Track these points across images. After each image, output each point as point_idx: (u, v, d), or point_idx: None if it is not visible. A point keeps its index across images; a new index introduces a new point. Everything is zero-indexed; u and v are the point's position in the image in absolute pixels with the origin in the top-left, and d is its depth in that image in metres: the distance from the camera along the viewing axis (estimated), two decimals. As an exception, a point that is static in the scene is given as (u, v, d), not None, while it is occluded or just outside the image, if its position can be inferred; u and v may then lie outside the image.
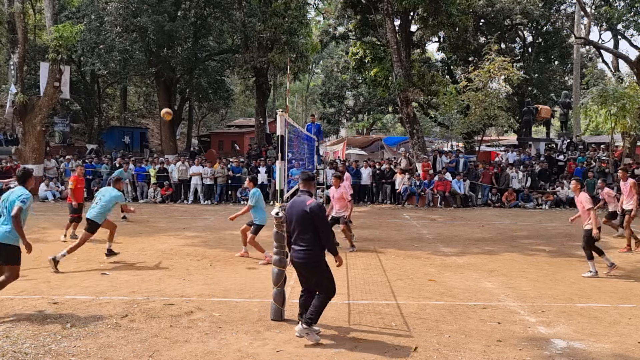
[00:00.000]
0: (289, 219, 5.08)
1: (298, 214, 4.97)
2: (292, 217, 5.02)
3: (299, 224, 4.96)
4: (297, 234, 4.98)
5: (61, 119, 28.86)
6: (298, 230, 4.97)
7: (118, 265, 8.10)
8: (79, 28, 18.12)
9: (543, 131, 36.69)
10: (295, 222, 4.99)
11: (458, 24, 19.41)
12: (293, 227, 5.02)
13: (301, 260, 4.95)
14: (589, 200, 7.86)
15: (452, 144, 29.35)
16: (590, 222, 7.73)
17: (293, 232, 5.03)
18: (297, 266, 5.03)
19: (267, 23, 21.83)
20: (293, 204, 5.06)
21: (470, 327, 5.41)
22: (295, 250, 4.99)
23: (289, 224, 5.12)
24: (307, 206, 4.90)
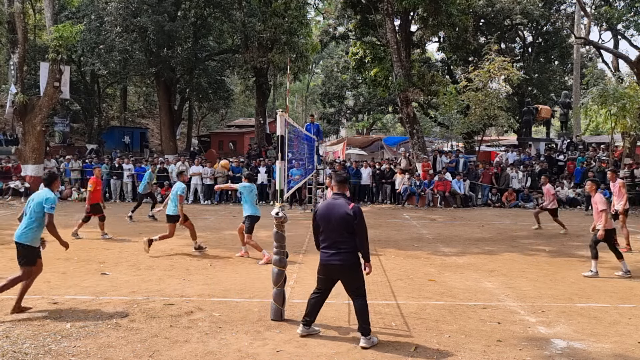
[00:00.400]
0: (322, 222, 4.92)
1: (338, 218, 4.83)
2: (329, 220, 4.87)
3: (339, 227, 4.83)
4: (334, 237, 4.85)
5: (61, 119, 28.86)
6: (336, 233, 4.84)
7: (118, 265, 8.10)
8: (79, 28, 18.12)
9: (543, 131, 36.69)
10: (332, 225, 4.85)
11: (458, 24, 19.41)
12: (328, 231, 4.88)
13: (342, 262, 4.82)
14: (604, 202, 7.94)
15: (452, 144, 29.35)
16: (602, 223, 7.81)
17: (326, 236, 4.89)
18: (334, 269, 4.88)
19: (267, 23, 21.83)
20: (329, 207, 4.93)
21: (470, 327, 5.41)
22: (332, 253, 4.84)
23: (319, 226, 4.96)
24: (350, 210, 4.81)
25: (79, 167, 18.91)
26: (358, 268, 4.89)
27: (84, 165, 19.05)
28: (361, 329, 4.85)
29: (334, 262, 4.87)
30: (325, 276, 4.99)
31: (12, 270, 7.57)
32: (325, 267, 4.93)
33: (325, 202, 5.07)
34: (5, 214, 14.10)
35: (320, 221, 4.96)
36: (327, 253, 4.89)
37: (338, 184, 5.14)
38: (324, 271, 4.97)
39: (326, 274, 4.98)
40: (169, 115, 25.88)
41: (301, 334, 5.00)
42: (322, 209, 4.99)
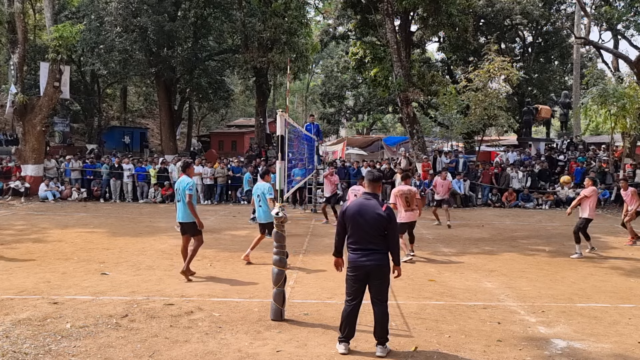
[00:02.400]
0: (352, 222, 4.68)
1: (370, 219, 4.65)
2: (359, 220, 4.66)
3: (370, 228, 4.65)
4: (366, 238, 4.66)
5: (61, 119, 28.86)
6: (367, 234, 4.65)
7: (118, 265, 8.10)
8: (79, 28, 18.11)
9: (543, 131, 36.69)
10: (363, 226, 4.65)
11: (458, 24, 19.40)
12: (358, 231, 4.66)
13: (375, 263, 4.61)
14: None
15: (452, 144, 29.31)
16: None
17: (358, 237, 4.67)
18: (366, 271, 4.63)
19: (267, 23, 21.82)
20: (361, 206, 4.71)
21: (470, 327, 5.41)
22: (364, 254, 4.63)
23: (347, 226, 4.72)
24: (384, 211, 4.67)
25: (79, 167, 18.89)
26: (388, 271, 4.69)
27: (84, 165, 19.04)
28: (380, 337, 4.67)
29: (364, 263, 4.64)
30: (355, 278, 4.68)
31: (11, 270, 7.59)
32: (356, 269, 4.66)
33: (357, 201, 4.80)
34: (5, 214, 14.10)
35: (349, 221, 4.70)
36: (358, 254, 4.66)
37: (371, 183, 4.92)
38: (354, 273, 4.68)
39: (356, 275, 4.68)
40: (169, 115, 25.88)
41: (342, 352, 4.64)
42: (353, 208, 4.72)
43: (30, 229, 11.54)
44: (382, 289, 4.70)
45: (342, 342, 4.69)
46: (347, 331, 4.69)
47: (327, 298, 6.40)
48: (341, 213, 4.82)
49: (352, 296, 4.70)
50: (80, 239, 10.38)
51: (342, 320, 4.71)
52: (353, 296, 4.70)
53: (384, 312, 4.68)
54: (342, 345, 4.69)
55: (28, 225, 12.10)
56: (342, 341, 4.70)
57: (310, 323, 5.43)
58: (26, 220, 13.02)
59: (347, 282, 4.76)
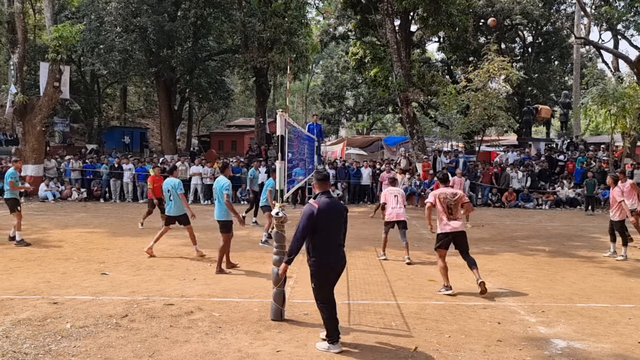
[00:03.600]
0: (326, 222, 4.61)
1: (340, 217, 4.69)
2: (333, 220, 4.66)
3: (341, 226, 4.71)
4: (337, 237, 4.70)
5: (61, 119, 28.86)
6: (339, 233, 4.71)
7: (118, 265, 8.10)
8: (79, 28, 18.11)
9: (543, 131, 36.72)
10: (336, 225, 4.69)
11: (458, 24, 19.40)
12: (331, 231, 4.65)
13: (344, 262, 4.73)
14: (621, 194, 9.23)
15: (452, 144, 29.33)
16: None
17: (330, 237, 4.64)
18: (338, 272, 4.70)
19: (267, 23, 21.82)
20: (330, 206, 4.65)
21: (470, 327, 5.41)
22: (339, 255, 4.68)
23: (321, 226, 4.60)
24: (343, 205, 4.74)
25: (79, 167, 18.89)
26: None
27: (84, 165, 19.04)
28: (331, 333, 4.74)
29: (341, 264, 4.70)
30: (333, 278, 4.69)
31: (11, 270, 7.59)
32: (333, 268, 4.66)
33: (325, 201, 4.68)
34: (5, 214, 14.09)
35: (324, 221, 4.60)
36: (331, 253, 4.63)
37: (321, 182, 4.88)
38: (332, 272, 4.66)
39: (333, 275, 4.69)
40: (169, 115, 25.88)
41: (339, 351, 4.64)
42: (326, 207, 4.62)
43: (30, 229, 11.53)
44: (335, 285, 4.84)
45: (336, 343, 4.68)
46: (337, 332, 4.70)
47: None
48: (311, 216, 4.57)
49: (329, 298, 4.71)
50: (80, 239, 10.38)
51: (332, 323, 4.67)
52: (330, 298, 4.71)
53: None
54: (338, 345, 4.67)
55: (28, 225, 12.09)
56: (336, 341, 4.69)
57: (310, 323, 5.43)
58: (26, 220, 12.98)
59: (323, 286, 4.67)
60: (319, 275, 4.66)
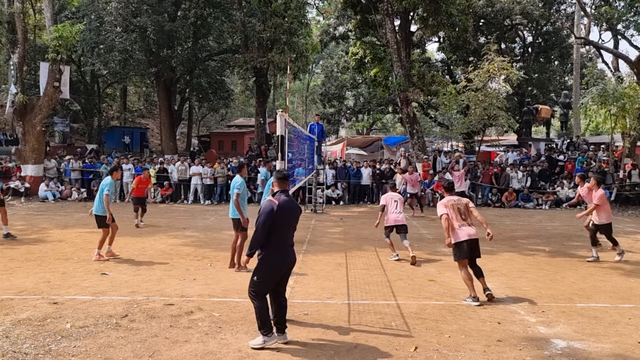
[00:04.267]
0: (283, 220, 4.74)
1: (295, 214, 4.86)
2: (289, 217, 4.80)
3: (294, 224, 4.88)
4: (290, 234, 4.86)
5: (61, 119, 28.86)
6: (292, 230, 4.88)
7: (118, 265, 8.10)
8: (79, 28, 18.11)
9: (543, 131, 36.71)
10: (291, 222, 4.85)
11: (458, 24, 19.40)
12: (287, 228, 4.81)
13: (295, 259, 4.91)
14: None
15: (452, 144, 29.33)
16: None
17: (284, 233, 4.78)
18: (290, 267, 4.85)
19: (267, 23, 21.83)
20: (288, 205, 4.79)
21: (470, 327, 5.41)
22: (290, 251, 4.83)
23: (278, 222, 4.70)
24: (299, 206, 4.93)
25: (79, 167, 18.90)
26: None
27: (84, 165, 19.04)
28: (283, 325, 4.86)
29: (291, 261, 4.84)
30: (278, 276, 4.79)
31: (11, 270, 7.59)
32: (283, 266, 4.78)
33: (284, 199, 4.80)
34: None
35: (281, 219, 4.71)
36: (283, 251, 4.77)
37: (280, 181, 4.97)
38: (281, 270, 4.77)
39: (280, 273, 4.80)
40: (169, 115, 25.88)
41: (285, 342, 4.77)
42: (285, 206, 4.74)
43: (30, 229, 11.54)
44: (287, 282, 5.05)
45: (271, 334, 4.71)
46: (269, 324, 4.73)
47: (327, 298, 6.40)
48: (271, 212, 4.67)
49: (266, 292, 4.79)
50: (80, 239, 10.37)
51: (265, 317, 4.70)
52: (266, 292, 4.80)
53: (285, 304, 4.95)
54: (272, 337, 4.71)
55: (28, 225, 12.10)
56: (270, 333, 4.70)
57: (310, 323, 5.43)
58: (26, 220, 13.02)
59: (265, 281, 4.73)
60: (265, 271, 4.73)
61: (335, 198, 18.46)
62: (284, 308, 4.90)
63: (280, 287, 4.90)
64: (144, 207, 12.61)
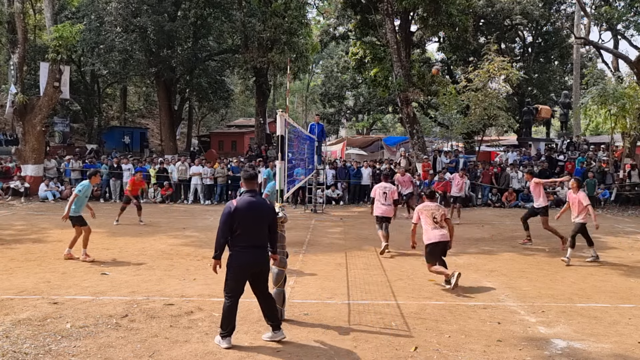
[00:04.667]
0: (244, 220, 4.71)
1: (262, 215, 4.79)
2: (252, 217, 4.74)
3: (262, 224, 4.81)
4: (258, 235, 4.79)
5: (61, 119, 28.86)
6: (259, 231, 4.79)
7: (118, 265, 8.10)
8: (79, 28, 18.10)
9: (543, 131, 36.71)
10: (256, 223, 4.77)
11: (458, 24, 19.40)
12: (250, 228, 4.74)
13: (264, 259, 4.87)
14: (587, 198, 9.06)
15: (452, 144, 29.34)
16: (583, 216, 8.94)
17: (249, 234, 4.73)
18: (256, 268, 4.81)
19: (267, 23, 21.82)
20: (251, 205, 4.77)
21: (470, 327, 5.41)
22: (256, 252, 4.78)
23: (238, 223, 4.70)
24: (269, 206, 4.90)
25: (79, 167, 18.90)
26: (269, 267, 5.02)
27: (84, 165, 19.03)
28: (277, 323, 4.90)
29: (257, 261, 4.80)
30: (244, 276, 4.79)
31: (11, 270, 7.58)
32: (247, 267, 4.75)
33: (245, 199, 4.82)
34: (5, 214, 14.10)
35: (240, 219, 4.70)
36: (249, 252, 4.74)
37: (248, 181, 4.97)
38: (245, 271, 4.76)
39: (246, 273, 4.78)
40: (169, 115, 25.88)
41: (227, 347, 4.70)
42: (244, 205, 4.75)
43: (30, 229, 11.54)
44: (266, 282, 4.96)
45: (227, 337, 4.73)
46: (231, 326, 4.76)
47: (327, 298, 6.40)
48: (229, 213, 4.72)
49: (235, 293, 4.79)
50: (80, 239, 10.36)
51: (226, 316, 4.74)
52: (236, 293, 4.80)
53: (273, 302, 4.96)
54: (227, 339, 4.73)
55: (28, 225, 12.10)
56: (226, 336, 4.73)
57: (310, 323, 5.43)
58: (26, 220, 13.02)
59: (232, 281, 4.78)
60: (232, 271, 4.78)
61: (335, 198, 18.46)
62: (271, 307, 4.92)
63: (257, 289, 4.91)
64: (139, 205, 12.80)
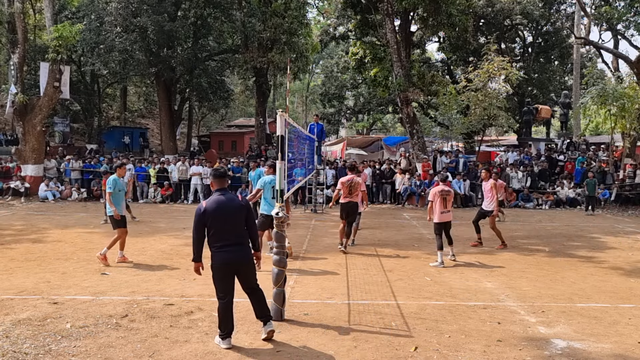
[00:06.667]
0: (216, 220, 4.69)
1: (234, 212, 4.75)
2: (224, 216, 4.71)
3: (237, 221, 4.77)
4: (234, 232, 4.75)
5: (61, 119, 28.83)
6: (235, 228, 4.76)
7: (118, 265, 8.09)
8: (79, 28, 18.10)
9: (543, 131, 36.70)
10: (230, 221, 4.74)
11: (458, 24, 19.40)
12: (225, 227, 4.71)
13: (244, 256, 4.79)
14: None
15: (452, 144, 29.35)
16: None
17: (224, 233, 4.70)
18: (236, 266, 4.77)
19: (267, 23, 21.82)
20: (220, 203, 4.74)
21: (470, 327, 5.41)
22: (236, 250, 4.73)
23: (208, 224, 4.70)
24: (241, 201, 4.87)
25: (79, 167, 18.90)
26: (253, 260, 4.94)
27: (84, 165, 19.04)
28: (265, 317, 4.91)
29: (237, 259, 4.75)
30: (227, 276, 4.76)
31: (11, 270, 7.58)
32: (228, 266, 4.72)
33: (213, 198, 4.80)
34: (5, 214, 14.10)
35: (212, 219, 4.69)
36: (227, 251, 4.69)
37: (218, 180, 4.92)
38: (225, 269, 4.73)
39: (228, 272, 4.75)
40: (169, 115, 25.87)
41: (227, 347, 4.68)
42: (213, 205, 4.72)
43: (30, 229, 11.54)
44: (254, 278, 4.93)
45: (226, 338, 4.73)
46: (229, 327, 4.76)
47: (327, 298, 6.41)
48: (199, 215, 4.72)
49: (224, 292, 4.77)
50: (80, 239, 10.37)
51: (222, 317, 4.74)
52: (225, 292, 4.77)
53: (261, 295, 4.93)
54: (227, 340, 4.73)
55: (28, 225, 12.10)
56: (225, 337, 4.73)
57: (310, 323, 5.43)
58: (26, 220, 13.02)
59: (217, 281, 4.78)
60: (214, 271, 4.78)
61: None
62: (259, 301, 4.92)
63: (244, 285, 4.92)
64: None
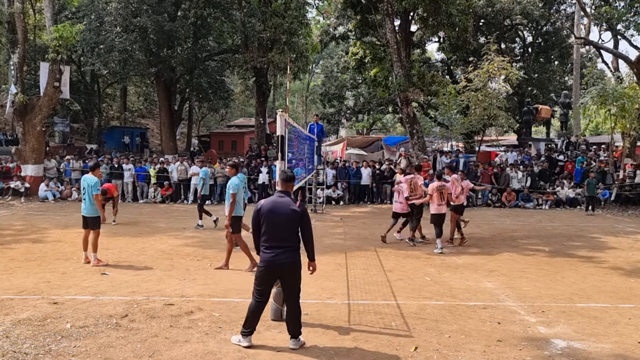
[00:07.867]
0: (267, 220, 4.76)
1: (284, 215, 4.75)
2: (274, 217, 4.74)
3: (285, 225, 4.77)
4: (280, 235, 4.75)
5: (61, 119, 28.85)
6: (281, 231, 4.75)
7: (118, 265, 8.09)
8: (79, 28, 18.10)
9: (543, 131, 36.69)
10: (278, 223, 4.75)
11: (458, 24, 19.38)
12: (272, 229, 4.74)
13: (288, 261, 4.73)
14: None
15: (452, 144, 29.34)
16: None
17: (271, 234, 4.74)
18: (279, 269, 4.75)
19: (267, 23, 21.82)
20: (275, 204, 4.81)
21: (470, 327, 5.41)
22: (279, 252, 4.72)
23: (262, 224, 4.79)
24: (297, 207, 4.82)
25: (79, 167, 18.89)
26: (300, 267, 4.85)
27: (84, 165, 19.03)
28: (293, 331, 4.80)
29: (280, 262, 4.74)
30: (269, 277, 4.80)
31: (11, 270, 7.58)
32: (270, 267, 4.74)
33: (270, 199, 4.89)
34: (5, 214, 14.10)
35: (264, 219, 4.77)
36: (271, 252, 4.73)
37: (283, 182, 5.00)
38: (268, 271, 4.76)
39: (270, 274, 4.79)
40: (169, 115, 25.88)
41: (247, 346, 4.72)
42: (267, 206, 4.81)
43: (30, 229, 11.54)
44: (296, 285, 4.86)
45: (248, 336, 4.77)
46: (253, 326, 4.79)
47: (327, 298, 6.40)
48: (256, 212, 4.84)
49: (262, 293, 4.82)
50: (80, 239, 10.32)
51: (249, 315, 4.78)
52: (263, 293, 4.82)
53: (297, 305, 4.84)
54: (248, 338, 4.76)
55: (28, 225, 12.11)
56: (247, 335, 4.77)
57: (310, 323, 5.43)
58: (26, 220, 13.02)
59: (258, 281, 4.82)
60: (258, 269, 4.86)
61: (335, 198, 18.46)
62: (291, 313, 4.83)
63: (286, 292, 4.89)
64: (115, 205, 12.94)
